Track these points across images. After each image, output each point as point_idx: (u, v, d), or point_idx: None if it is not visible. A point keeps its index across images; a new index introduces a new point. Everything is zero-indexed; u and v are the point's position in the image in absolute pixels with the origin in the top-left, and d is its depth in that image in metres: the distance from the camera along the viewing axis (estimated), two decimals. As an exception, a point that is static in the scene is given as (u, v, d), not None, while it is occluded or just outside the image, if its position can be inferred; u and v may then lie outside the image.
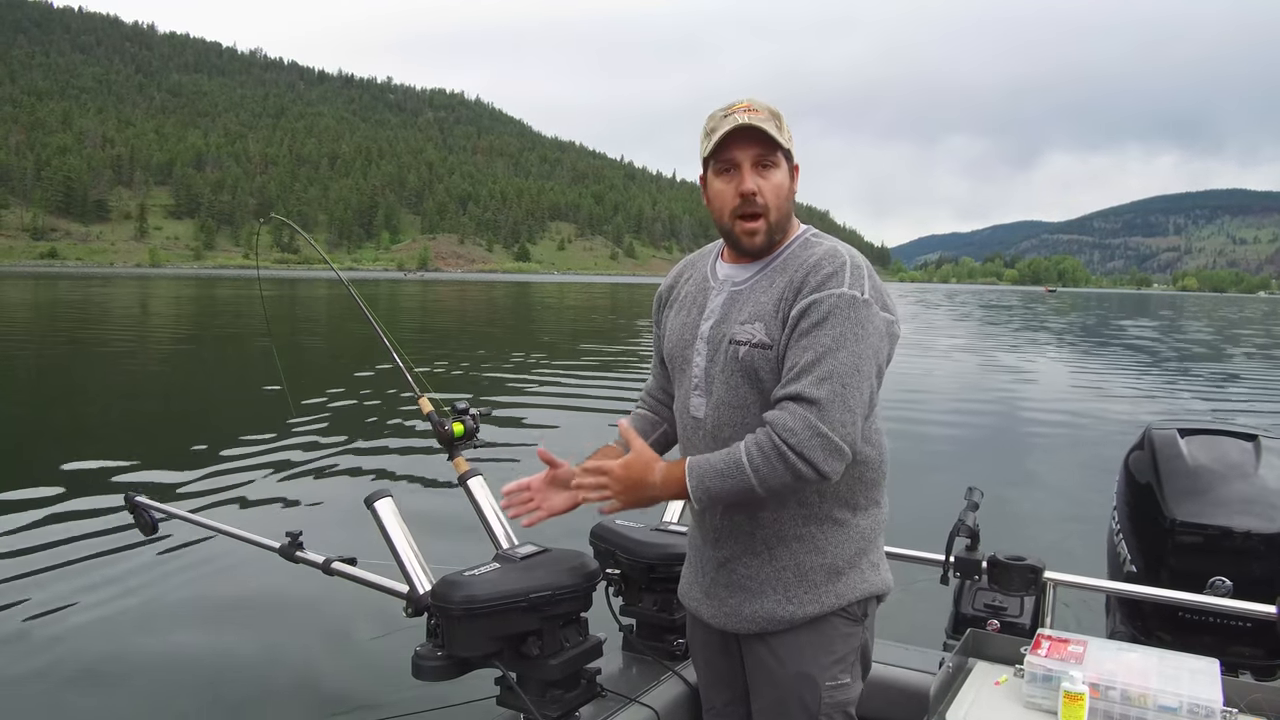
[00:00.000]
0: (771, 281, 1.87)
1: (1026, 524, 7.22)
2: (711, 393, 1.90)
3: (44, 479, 8.09)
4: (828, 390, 1.69)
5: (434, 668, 2.07)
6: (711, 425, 1.90)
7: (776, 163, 1.84)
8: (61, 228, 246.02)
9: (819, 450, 1.68)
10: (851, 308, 1.75)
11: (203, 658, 4.67)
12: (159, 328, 30.89)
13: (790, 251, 1.90)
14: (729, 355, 1.85)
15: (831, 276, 1.78)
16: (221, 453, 9.19)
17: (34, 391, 14.63)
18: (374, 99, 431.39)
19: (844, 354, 1.72)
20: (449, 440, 2.77)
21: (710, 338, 1.90)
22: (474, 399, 2.89)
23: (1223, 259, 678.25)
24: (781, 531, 1.88)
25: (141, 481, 8.01)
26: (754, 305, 1.86)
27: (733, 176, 1.85)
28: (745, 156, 1.82)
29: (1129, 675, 1.93)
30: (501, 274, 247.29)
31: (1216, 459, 3.07)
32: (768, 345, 1.81)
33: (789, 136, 1.85)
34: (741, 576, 1.92)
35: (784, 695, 1.92)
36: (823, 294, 1.76)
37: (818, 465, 1.69)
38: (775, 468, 1.69)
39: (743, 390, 1.85)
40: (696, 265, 2.07)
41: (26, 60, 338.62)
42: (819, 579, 1.88)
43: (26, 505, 7.29)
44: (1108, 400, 15.59)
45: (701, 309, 1.95)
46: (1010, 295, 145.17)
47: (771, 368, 1.81)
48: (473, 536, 2.73)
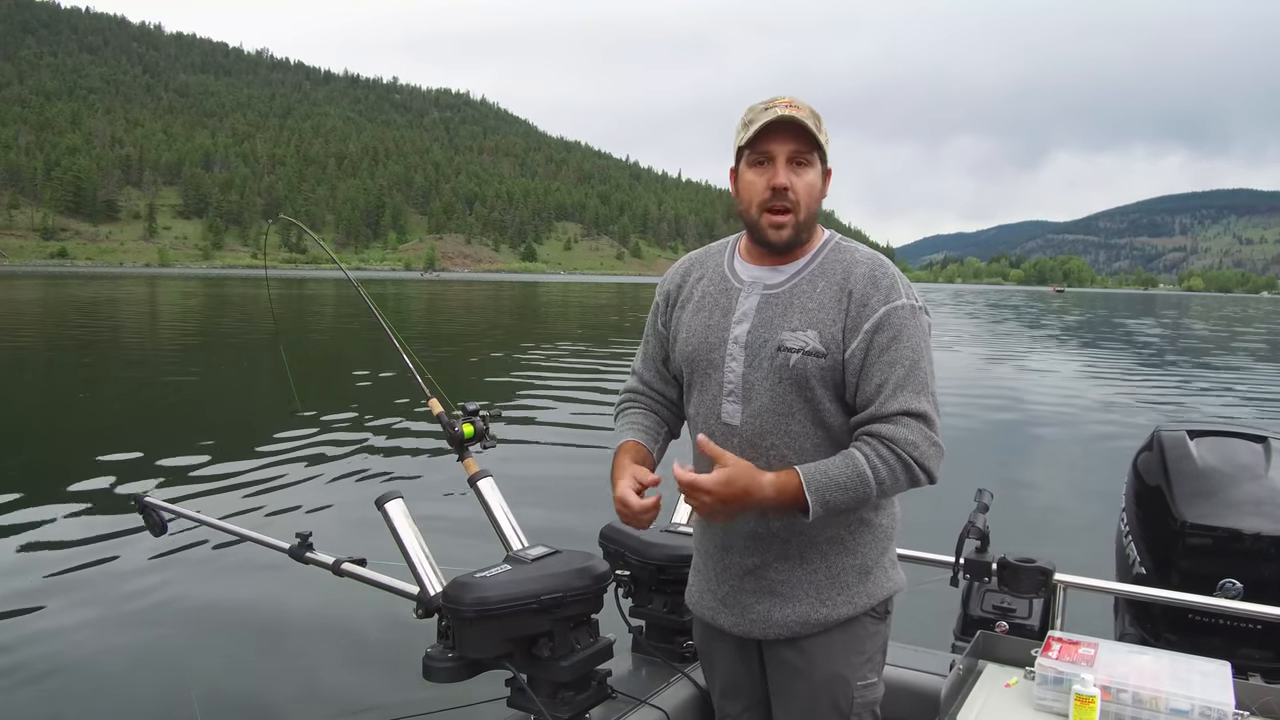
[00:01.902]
0: (814, 286, 1.86)
1: (1034, 525, 7.20)
2: (750, 400, 1.86)
3: (54, 479, 8.12)
4: (928, 402, 1.79)
5: (445, 669, 2.07)
6: (750, 433, 1.86)
7: (811, 162, 1.84)
8: (71, 227, 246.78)
9: (935, 459, 1.79)
10: (914, 317, 1.83)
11: (212, 658, 4.68)
12: (168, 327, 30.98)
13: (825, 256, 1.89)
14: (777, 362, 1.83)
15: (892, 289, 1.83)
16: (231, 453, 9.22)
17: (44, 391, 14.67)
18: (380, 99, 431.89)
19: (924, 364, 1.82)
20: (459, 441, 2.77)
21: (749, 343, 1.87)
22: (488, 406, 2.89)
23: (1229, 259, 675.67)
24: (815, 535, 1.88)
25: (151, 482, 8.05)
26: (803, 312, 1.84)
27: (766, 169, 1.84)
28: (781, 150, 1.82)
29: (1140, 678, 1.93)
30: (509, 274, 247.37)
31: (1226, 460, 3.06)
32: (821, 354, 1.81)
33: (826, 139, 1.85)
34: (773, 582, 1.91)
35: (815, 698, 1.92)
36: (890, 306, 1.81)
37: (934, 472, 1.79)
38: (899, 479, 1.77)
39: (789, 398, 1.84)
40: (707, 264, 2.03)
41: (34, 61, 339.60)
42: (850, 579, 1.91)
43: (37, 505, 7.32)
44: (1116, 401, 15.55)
45: (727, 311, 1.91)
46: (1017, 295, 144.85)
47: (824, 376, 1.82)
48: (483, 537, 2.73)
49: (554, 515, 6.25)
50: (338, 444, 9.80)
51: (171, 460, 8.97)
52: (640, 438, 2.02)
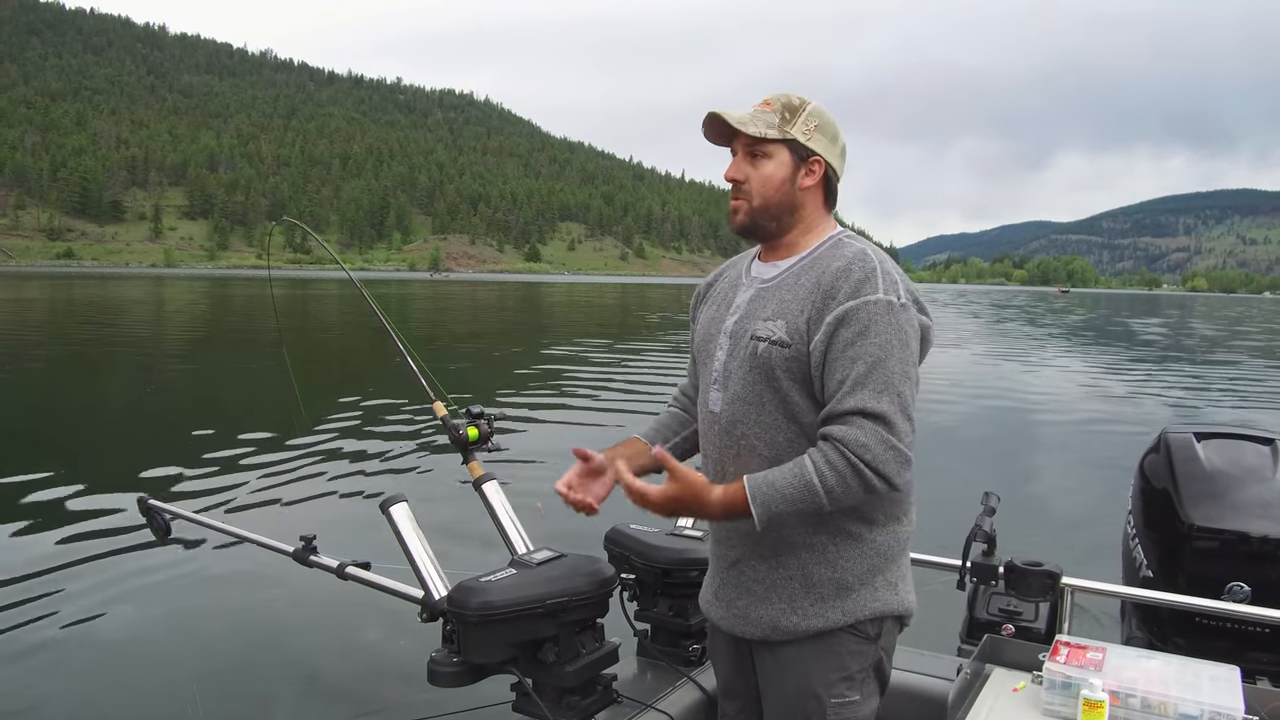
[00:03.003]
0: (798, 280, 1.86)
1: (1038, 527, 7.18)
2: (728, 388, 1.89)
3: (58, 481, 8.12)
4: (889, 402, 1.70)
5: (450, 674, 2.07)
6: (726, 421, 1.89)
7: (768, 154, 1.87)
8: (77, 228, 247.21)
9: (893, 464, 1.68)
10: (889, 313, 1.75)
11: (215, 662, 4.67)
12: (172, 328, 31.03)
13: (820, 252, 1.89)
14: (748, 350, 1.85)
15: (864, 282, 1.77)
16: (235, 456, 9.21)
17: (48, 393, 14.68)
18: (384, 99, 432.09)
19: (893, 362, 1.72)
20: (464, 444, 2.77)
21: (733, 332, 1.91)
22: (496, 417, 2.88)
23: (1233, 259, 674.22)
24: (790, 538, 1.83)
25: (154, 484, 8.05)
26: (778, 302, 1.86)
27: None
28: (737, 145, 1.89)
29: (1149, 683, 1.92)
30: (513, 274, 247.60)
31: (1233, 462, 3.05)
32: (786, 344, 1.80)
33: (805, 131, 1.86)
34: (749, 579, 1.90)
35: (790, 708, 1.89)
36: (859, 300, 1.75)
37: (891, 479, 1.69)
38: (849, 485, 1.68)
39: (758, 387, 1.84)
40: (737, 264, 2.07)
41: (39, 62, 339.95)
42: (826, 592, 1.83)
43: (39, 507, 7.33)
44: (1122, 402, 15.52)
45: (729, 304, 1.97)
46: (1021, 295, 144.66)
47: (787, 367, 1.80)
48: (487, 541, 2.73)
49: (558, 519, 6.23)
50: (341, 446, 9.79)
51: (175, 463, 8.96)
52: (647, 433, 2.11)
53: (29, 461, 9.19)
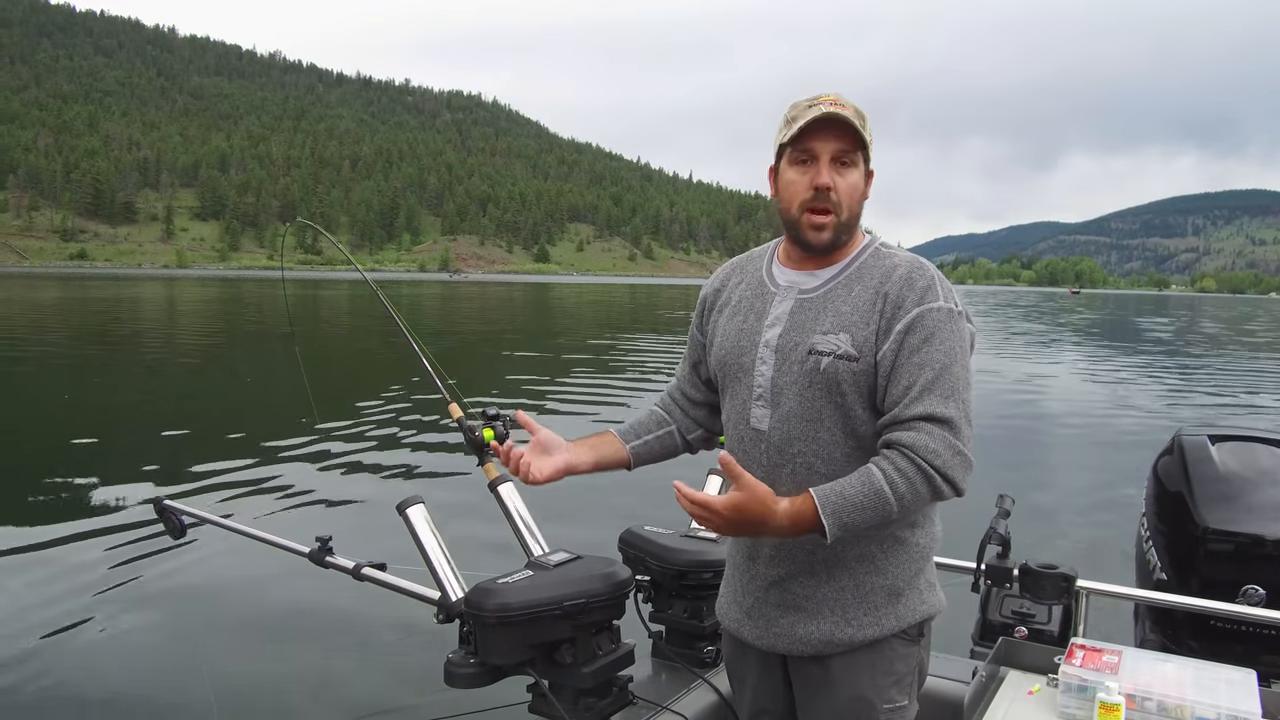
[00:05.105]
0: (850, 290, 1.81)
1: (1051, 530, 7.17)
2: (779, 404, 1.82)
3: (73, 482, 8.17)
4: (955, 408, 1.68)
5: (467, 675, 2.07)
6: (778, 438, 1.82)
7: (855, 162, 1.80)
8: (90, 229, 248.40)
9: (960, 469, 1.67)
10: (951, 321, 1.74)
11: (231, 662, 4.70)
12: (185, 329, 31.13)
13: (864, 260, 1.84)
14: (808, 366, 1.78)
15: (928, 290, 1.76)
16: (250, 456, 9.25)
17: (63, 393, 14.75)
18: (392, 101, 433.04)
19: (957, 368, 1.71)
20: (480, 446, 2.76)
21: (780, 346, 1.83)
22: (511, 419, 2.88)
23: (1241, 260, 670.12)
24: (843, 551, 1.80)
25: (170, 484, 8.08)
26: (836, 315, 1.79)
27: (809, 168, 1.79)
28: (825, 149, 1.77)
29: (1165, 686, 1.92)
30: (523, 275, 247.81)
31: (1248, 465, 3.04)
32: (853, 357, 1.75)
33: (871, 139, 1.81)
34: (797, 596, 1.85)
35: (839, 718, 1.86)
36: (925, 307, 1.74)
37: (958, 484, 1.68)
38: (919, 492, 1.66)
39: (819, 403, 1.78)
40: (747, 269, 2.00)
41: (50, 64, 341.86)
42: (879, 600, 1.82)
43: (55, 506, 7.38)
44: (1136, 405, 15.48)
45: (761, 315, 1.88)
46: (1030, 296, 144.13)
47: (855, 380, 1.75)
48: (503, 543, 2.74)
49: (573, 520, 6.26)
50: (356, 448, 9.82)
51: (189, 463, 9.01)
52: (621, 430, 2.10)
53: (45, 461, 9.25)
